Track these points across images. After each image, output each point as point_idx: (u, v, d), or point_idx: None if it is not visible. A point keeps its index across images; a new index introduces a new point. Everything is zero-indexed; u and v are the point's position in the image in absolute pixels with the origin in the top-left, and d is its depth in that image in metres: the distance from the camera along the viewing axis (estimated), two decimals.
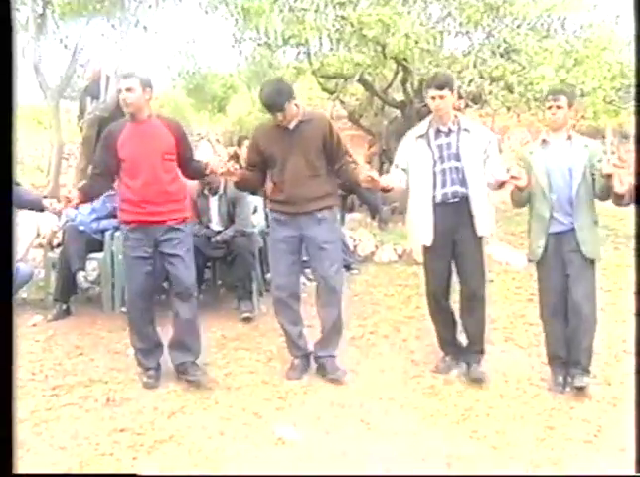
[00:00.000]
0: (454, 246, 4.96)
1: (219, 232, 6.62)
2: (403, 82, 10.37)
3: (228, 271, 6.80)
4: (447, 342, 5.28)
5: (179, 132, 5.01)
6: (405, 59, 9.21)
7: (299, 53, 10.26)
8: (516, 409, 4.59)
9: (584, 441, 4.17)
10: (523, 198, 4.90)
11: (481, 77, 8.98)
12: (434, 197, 4.89)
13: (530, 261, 5.07)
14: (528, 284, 7.55)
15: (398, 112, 11.47)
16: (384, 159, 11.52)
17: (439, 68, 8.82)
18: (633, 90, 8.98)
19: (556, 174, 4.77)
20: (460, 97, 9.26)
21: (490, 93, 9.23)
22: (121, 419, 4.47)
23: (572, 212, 4.73)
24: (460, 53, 9.89)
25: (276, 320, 5.24)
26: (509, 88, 9.29)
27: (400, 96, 11.30)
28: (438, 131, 4.94)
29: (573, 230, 4.74)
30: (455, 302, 5.18)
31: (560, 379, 4.89)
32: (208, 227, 6.69)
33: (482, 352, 5.16)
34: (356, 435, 4.26)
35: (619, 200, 4.50)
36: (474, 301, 5.06)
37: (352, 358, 5.45)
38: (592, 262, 4.80)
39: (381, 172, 8.61)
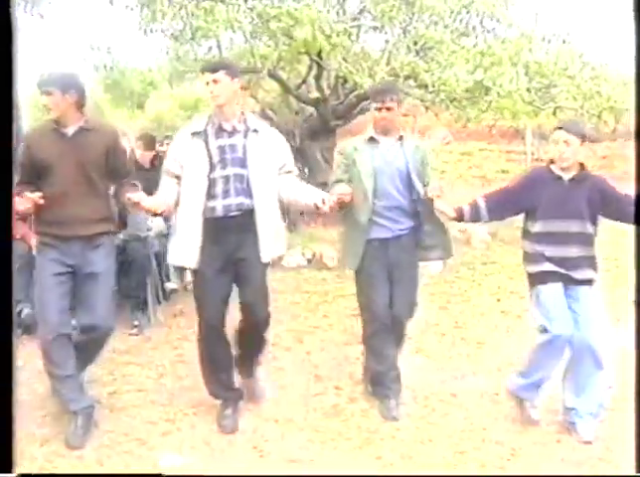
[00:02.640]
0: (236, 268, 4.19)
1: None
2: (317, 79, 10.00)
3: (123, 278, 6.30)
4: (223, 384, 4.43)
5: None
6: (319, 54, 8.85)
7: (211, 47, 9.81)
8: (424, 431, 4.24)
9: (498, 467, 3.84)
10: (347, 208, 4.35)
11: (395, 74, 8.64)
12: (213, 209, 4.10)
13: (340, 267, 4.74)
14: (442, 290, 7.34)
15: (313, 110, 11.15)
16: (298, 158, 11.17)
17: (351, 63, 8.53)
18: (552, 90, 8.86)
19: (384, 177, 4.34)
20: None
21: (405, 92, 8.92)
22: None
23: (404, 218, 4.39)
24: (376, 49, 9.59)
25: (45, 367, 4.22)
26: (425, 87, 9.01)
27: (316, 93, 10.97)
28: (220, 129, 4.15)
29: (400, 237, 4.39)
30: None
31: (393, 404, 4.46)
32: None
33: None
34: (248, 463, 3.86)
35: None
36: (255, 334, 4.31)
37: None
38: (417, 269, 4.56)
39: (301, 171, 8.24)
